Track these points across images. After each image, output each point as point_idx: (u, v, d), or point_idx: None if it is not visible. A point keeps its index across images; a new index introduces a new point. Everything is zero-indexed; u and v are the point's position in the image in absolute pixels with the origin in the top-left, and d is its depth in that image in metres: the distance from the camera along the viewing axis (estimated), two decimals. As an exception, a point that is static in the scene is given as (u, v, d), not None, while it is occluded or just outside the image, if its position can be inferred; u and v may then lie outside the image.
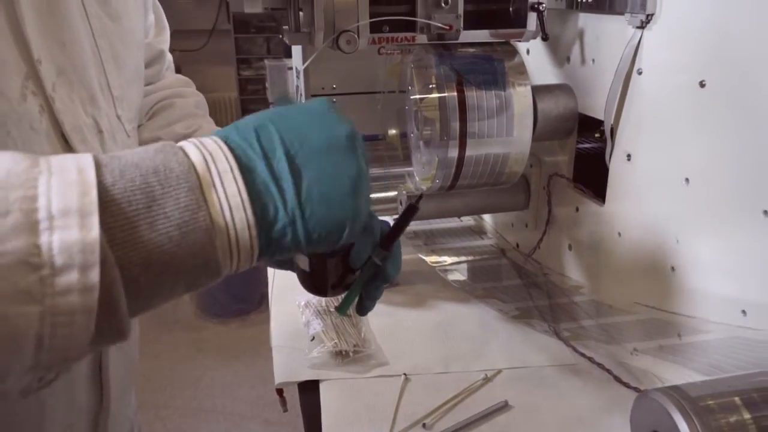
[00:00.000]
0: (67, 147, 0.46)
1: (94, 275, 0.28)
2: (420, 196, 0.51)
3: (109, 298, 0.29)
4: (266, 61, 1.51)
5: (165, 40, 0.78)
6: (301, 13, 0.70)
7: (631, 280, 0.68)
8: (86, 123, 0.49)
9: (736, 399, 0.34)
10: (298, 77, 1.00)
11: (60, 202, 0.28)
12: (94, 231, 0.28)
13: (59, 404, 0.50)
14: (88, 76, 0.49)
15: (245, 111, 2.59)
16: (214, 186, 0.32)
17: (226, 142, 0.34)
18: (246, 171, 0.34)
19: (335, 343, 0.74)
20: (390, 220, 0.94)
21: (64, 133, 0.45)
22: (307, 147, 0.35)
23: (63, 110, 0.45)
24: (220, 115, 2.74)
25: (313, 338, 0.75)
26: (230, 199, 0.33)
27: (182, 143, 0.34)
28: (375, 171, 0.97)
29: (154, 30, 0.75)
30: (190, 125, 0.73)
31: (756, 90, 0.52)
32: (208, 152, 0.33)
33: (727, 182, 0.56)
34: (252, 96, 2.56)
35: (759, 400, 0.34)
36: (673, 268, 0.62)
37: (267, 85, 1.58)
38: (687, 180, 0.59)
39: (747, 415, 0.33)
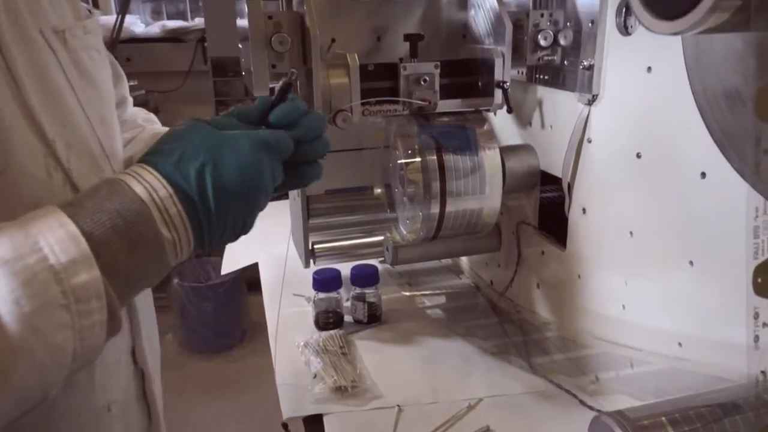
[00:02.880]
0: None
1: (103, 298, 0.42)
2: (293, 73, 0.56)
3: (112, 308, 0.43)
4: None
5: (125, 86, 0.82)
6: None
7: (591, 317, 0.79)
8: None
9: (663, 419, 0.45)
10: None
11: (64, 255, 0.41)
12: (96, 270, 0.42)
13: (119, 426, 0.59)
14: (88, 145, 0.55)
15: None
16: (159, 210, 0.45)
17: (162, 174, 0.47)
18: (183, 199, 0.46)
19: (335, 379, 0.82)
20: (377, 263, 1.05)
21: None
22: (225, 191, 0.48)
23: (80, 179, 0.52)
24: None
25: (315, 376, 0.84)
26: (173, 218, 0.46)
27: (124, 178, 0.47)
28: (362, 217, 1.07)
29: (114, 79, 0.78)
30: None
31: (680, 161, 0.64)
32: (148, 185, 0.46)
33: (661, 237, 0.68)
34: (231, 136, 2.64)
35: (680, 419, 0.45)
36: (624, 307, 0.74)
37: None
38: (631, 233, 0.71)
39: (671, 431, 0.44)
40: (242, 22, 2.48)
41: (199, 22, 3.02)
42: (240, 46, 0.82)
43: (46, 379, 0.41)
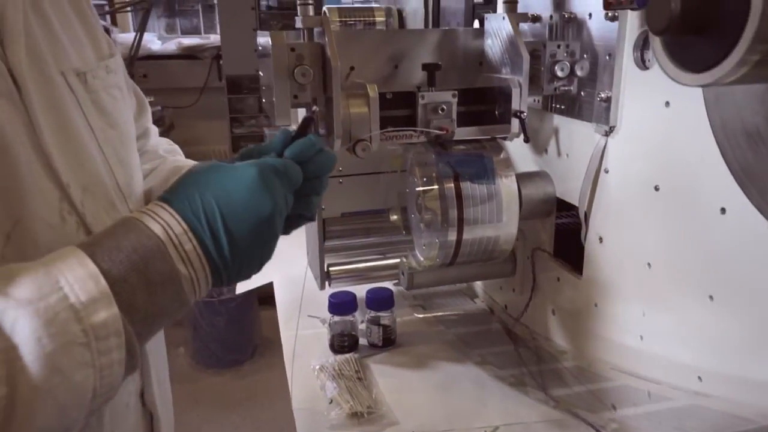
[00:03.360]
0: None
1: (122, 336, 0.43)
2: (314, 110, 0.58)
3: (131, 346, 0.43)
4: (266, 130, 1.62)
5: (148, 118, 0.82)
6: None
7: (608, 346, 0.79)
8: None
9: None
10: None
11: (84, 294, 0.42)
12: (115, 308, 0.42)
13: None
14: (104, 186, 0.55)
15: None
16: (175, 246, 0.46)
17: (177, 211, 0.48)
18: (196, 235, 0.47)
19: (350, 405, 0.83)
20: (391, 285, 1.05)
21: None
22: (237, 222, 0.49)
23: (94, 222, 0.52)
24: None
25: (331, 401, 0.84)
26: (189, 254, 0.47)
27: (140, 216, 0.47)
28: (377, 239, 1.08)
29: (137, 110, 0.78)
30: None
31: (699, 196, 0.64)
32: (164, 222, 0.47)
33: (680, 269, 0.68)
34: (244, 152, 2.67)
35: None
36: (641, 337, 0.74)
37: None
38: (649, 264, 0.72)
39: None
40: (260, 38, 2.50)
41: (214, 39, 3.07)
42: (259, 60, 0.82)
43: (67, 419, 0.42)
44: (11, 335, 0.39)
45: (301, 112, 0.88)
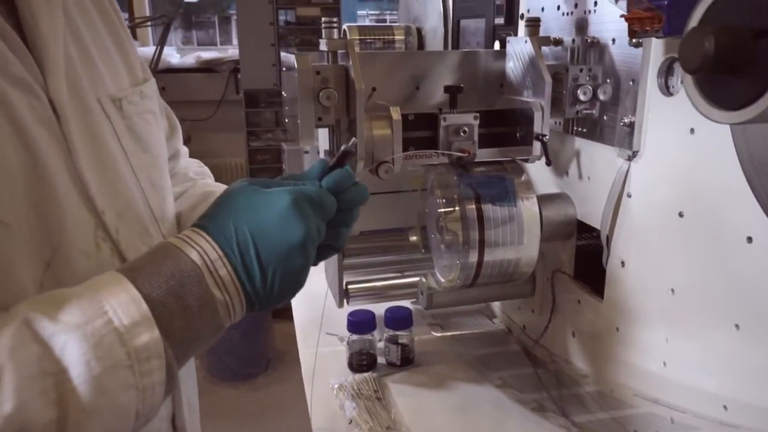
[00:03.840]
0: None
1: (163, 358, 0.44)
2: (353, 142, 0.59)
3: (170, 368, 0.44)
4: (284, 145, 1.64)
5: (179, 139, 0.84)
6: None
7: (630, 371, 0.78)
8: None
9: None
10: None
11: (127, 318, 0.43)
12: (156, 331, 0.43)
13: None
14: (138, 211, 0.56)
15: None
16: (210, 272, 0.47)
17: (212, 238, 0.48)
18: (230, 261, 0.48)
19: (370, 426, 0.83)
20: (409, 304, 1.05)
21: None
22: (269, 248, 0.49)
23: (127, 249, 0.53)
24: (230, 178, 2.89)
25: (351, 421, 0.84)
26: (224, 279, 0.48)
27: (177, 242, 0.48)
28: (396, 257, 1.08)
29: (168, 132, 0.80)
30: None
31: (725, 224, 0.64)
32: (200, 248, 0.48)
33: (705, 297, 0.67)
34: (261, 165, 2.69)
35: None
36: (665, 363, 0.73)
37: (284, 167, 1.71)
38: (672, 290, 0.71)
39: None
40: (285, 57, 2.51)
41: (232, 53, 3.10)
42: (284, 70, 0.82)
43: None
44: (61, 358, 0.40)
45: (322, 133, 0.88)
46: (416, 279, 1.00)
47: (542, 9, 0.92)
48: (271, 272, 0.49)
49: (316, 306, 1.17)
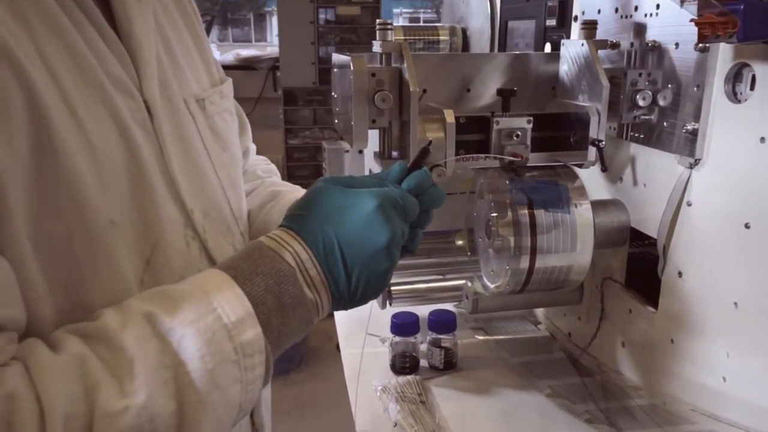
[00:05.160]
0: None
1: (264, 353, 0.45)
2: (430, 142, 0.59)
3: (268, 363, 0.46)
4: (324, 144, 1.65)
5: (249, 137, 0.86)
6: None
7: (685, 385, 0.76)
8: (229, 253, 0.57)
9: None
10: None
11: (233, 314, 0.44)
12: (258, 327, 0.45)
13: None
14: (221, 210, 0.57)
15: (290, 177, 2.75)
16: (302, 272, 0.49)
17: (302, 238, 0.50)
18: (318, 261, 0.49)
19: (415, 430, 0.83)
20: (452, 307, 1.05)
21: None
22: (354, 251, 0.50)
23: (214, 248, 0.54)
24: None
25: (396, 424, 0.84)
26: (313, 279, 0.49)
27: (270, 243, 0.49)
28: (440, 259, 1.07)
29: (239, 129, 0.80)
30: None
31: (794, 235, 0.62)
32: (293, 249, 0.49)
33: (772, 312, 0.65)
34: (298, 163, 2.72)
35: None
36: (724, 379, 0.71)
37: (324, 165, 1.72)
38: (736, 304, 0.69)
39: None
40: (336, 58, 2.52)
41: (270, 50, 3.14)
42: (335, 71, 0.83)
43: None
44: (178, 352, 0.41)
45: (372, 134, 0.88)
46: (460, 282, 0.99)
47: (598, 11, 0.90)
48: (356, 274, 0.50)
49: (359, 307, 1.17)
